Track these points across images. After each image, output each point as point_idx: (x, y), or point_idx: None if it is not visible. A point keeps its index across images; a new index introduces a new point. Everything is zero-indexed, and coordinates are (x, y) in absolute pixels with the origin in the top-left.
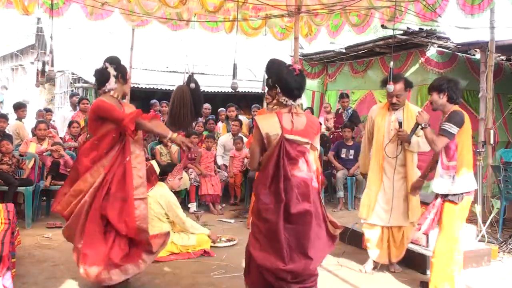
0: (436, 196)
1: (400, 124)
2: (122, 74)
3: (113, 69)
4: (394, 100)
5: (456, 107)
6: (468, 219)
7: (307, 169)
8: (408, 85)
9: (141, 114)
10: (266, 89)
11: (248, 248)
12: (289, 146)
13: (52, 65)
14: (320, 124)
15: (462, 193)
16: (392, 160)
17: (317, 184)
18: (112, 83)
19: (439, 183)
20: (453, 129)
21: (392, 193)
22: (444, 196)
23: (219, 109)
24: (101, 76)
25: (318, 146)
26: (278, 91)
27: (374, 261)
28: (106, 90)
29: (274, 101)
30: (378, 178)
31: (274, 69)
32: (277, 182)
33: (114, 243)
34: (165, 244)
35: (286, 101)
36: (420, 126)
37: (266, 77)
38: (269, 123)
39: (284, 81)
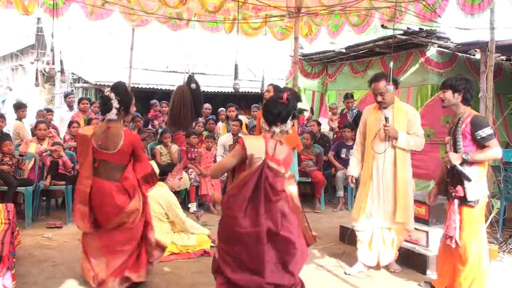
0: (451, 201)
1: (387, 119)
2: (125, 107)
3: (116, 102)
4: (379, 98)
5: (473, 111)
6: None
7: (285, 194)
8: (393, 82)
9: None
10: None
11: (221, 273)
12: (269, 171)
13: (54, 63)
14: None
15: (480, 197)
16: (381, 159)
17: (290, 208)
18: (112, 115)
19: (472, 190)
20: (492, 131)
21: (381, 193)
22: (460, 200)
23: (219, 109)
24: (104, 105)
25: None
26: (262, 117)
27: (363, 264)
28: (107, 118)
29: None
30: (368, 178)
31: (270, 97)
32: (257, 206)
33: None
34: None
35: (263, 124)
36: (464, 164)
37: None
38: (256, 145)
39: (264, 105)
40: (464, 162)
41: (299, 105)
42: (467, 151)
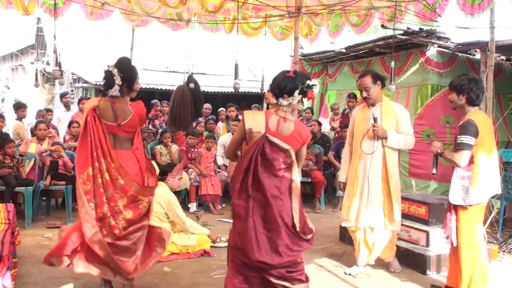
0: (450, 203)
1: (375, 119)
2: (128, 84)
3: (119, 78)
4: (364, 94)
5: (473, 114)
6: None
7: (283, 174)
8: (377, 78)
9: None
10: (265, 89)
11: (229, 241)
12: (268, 147)
13: (57, 64)
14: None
15: (477, 203)
16: (368, 159)
17: (290, 192)
18: (115, 92)
19: (454, 193)
20: (471, 140)
21: (369, 193)
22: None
23: (219, 109)
24: (107, 81)
25: (304, 153)
26: (268, 88)
27: (356, 264)
28: (109, 95)
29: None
30: (355, 177)
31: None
32: (247, 178)
33: None
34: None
35: (273, 100)
36: (437, 157)
37: (267, 78)
38: (255, 119)
39: (272, 80)
40: (436, 157)
41: (309, 81)
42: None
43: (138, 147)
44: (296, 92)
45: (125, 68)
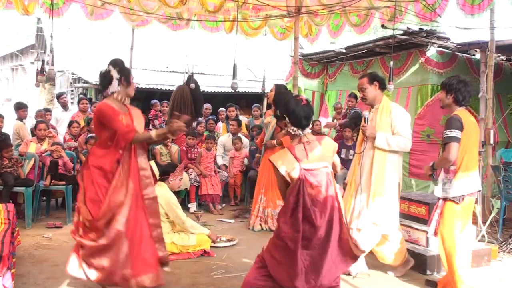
0: (439, 199)
1: (365, 119)
2: (126, 77)
3: (116, 72)
4: (361, 94)
5: (459, 112)
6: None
7: (329, 191)
8: (373, 79)
9: (135, 133)
10: (266, 89)
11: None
12: (309, 175)
13: (52, 64)
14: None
15: (462, 195)
16: (362, 160)
17: (338, 204)
18: (114, 86)
19: (438, 187)
20: (457, 133)
21: (360, 193)
22: (445, 198)
23: (220, 109)
24: (104, 79)
25: (337, 163)
26: (287, 122)
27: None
28: (109, 93)
29: (284, 131)
30: (353, 179)
31: (282, 100)
32: (297, 212)
33: None
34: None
35: (295, 131)
36: (432, 175)
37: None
38: (285, 161)
39: (292, 111)
40: (434, 170)
41: None
42: None
43: (93, 152)
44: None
45: (119, 63)
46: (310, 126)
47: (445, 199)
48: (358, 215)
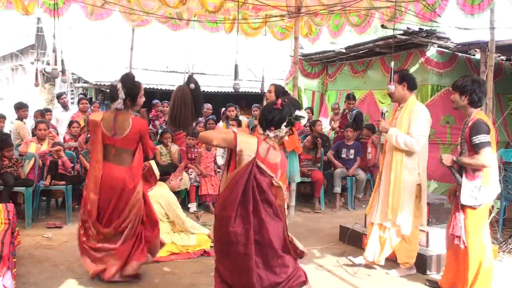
0: (457, 201)
1: (383, 114)
2: (132, 98)
3: (123, 93)
4: (388, 91)
5: (478, 114)
6: None
7: (272, 198)
8: (402, 78)
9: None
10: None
11: (217, 271)
12: (259, 173)
13: (56, 64)
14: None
15: (486, 202)
16: (385, 157)
17: (279, 219)
18: (119, 105)
19: (466, 194)
20: (486, 138)
21: (382, 190)
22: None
23: (222, 109)
24: (111, 94)
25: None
26: (258, 122)
27: (364, 257)
28: (113, 108)
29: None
30: (378, 177)
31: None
32: (247, 204)
33: None
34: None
35: (261, 130)
36: (455, 169)
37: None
38: (247, 143)
39: (260, 112)
40: (456, 164)
41: (297, 112)
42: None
43: (136, 165)
44: (283, 124)
45: (129, 84)
46: (278, 132)
47: (467, 206)
48: (379, 211)
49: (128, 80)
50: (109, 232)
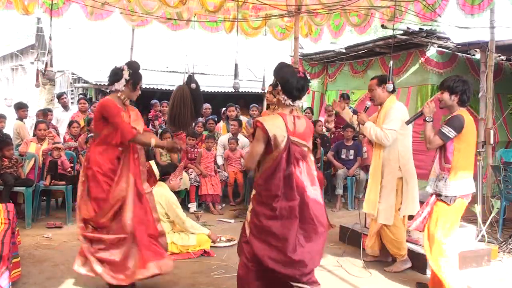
0: (431, 194)
1: (366, 108)
2: (134, 82)
3: (127, 74)
4: (370, 94)
5: (462, 111)
6: (468, 219)
7: (309, 170)
8: (382, 82)
9: (136, 133)
10: (267, 89)
11: (252, 250)
12: (294, 148)
13: (51, 65)
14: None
15: (454, 196)
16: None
17: (318, 185)
18: (120, 85)
19: (432, 182)
20: (451, 133)
21: (368, 184)
22: (438, 196)
23: (223, 109)
24: (114, 75)
25: (310, 145)
26: (279, 89)
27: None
28: (113, 90)
29: (275, 100)
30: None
31: (280, 69)
32: (291, 184)
33: None
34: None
35: (285, 100)
36: (422, 116)
37: (268, 78)
38: (275, 125)
39: (286, 79)
40: (422, 114)
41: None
42: (449, 151)
43: (91, 149)
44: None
45: (135, 67)
46: (300, 103)
47: (438, 197)
48: (368, 203)
49: (134, 64)
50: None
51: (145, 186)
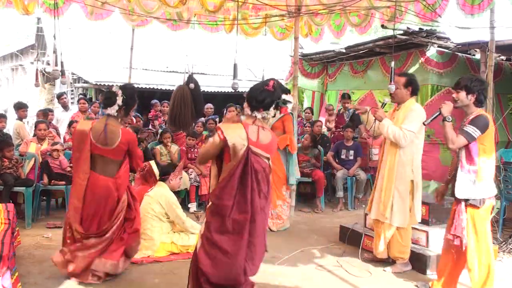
0: (457, 201)
1: (383, 104)
2: (127, 108)
3: (121, 100)
4: (393, 91)
5: (481, 111)
6: None
7: (266, 184)
8: (409, 83)
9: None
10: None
11: (199, 266)
12: (254, 158)
13: (56, 64)
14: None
15: (483, 198)
16: (383, 156)
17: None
18: (113, 110)
19: (461, 187)
20: (476, 133)
21: (378, 185)
22: (465, 201)
23: (224, 110)
24: (108, 99)
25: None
26: (246, 99)
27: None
28: (105, 113)
29: (244, 112)
30: (377, 173)
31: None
32: (244, 193)
33: None
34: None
35: (247, 110)
36: (441, 116)
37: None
38: (236, 133)
39: (250, 90)
40: (440, 114)
41: (284, 96)
42: (474, 152)
43: (121, 176)
44: (272, 107)
45: (129, 92)
46: (266, 113)
47: (466, 203)
48: (374, 208)
49: (129, 89)
50: (89, 236)
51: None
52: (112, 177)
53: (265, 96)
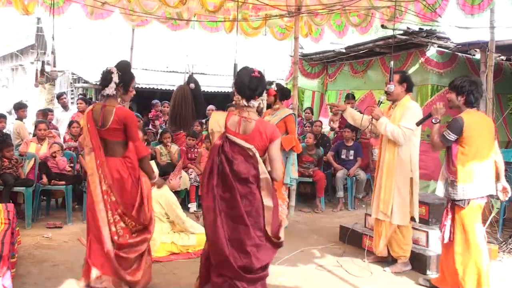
0: (447, 201)
1: (379, 102)
2: (125, 84)
3: (117, 76)
4: (388, 91)
5: (465, 113)
6: None
7: (248, 173)
8: (404, 79)
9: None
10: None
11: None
12: (228, 146)
13: (55, 65)
14: (317, 133)
15: (467, 199)
16: (381, 154)
17: (259, 191)
18: (111, 90)
19: (440, 186)
20: (450, 136)
21: (377, 183)
22: (452, 201)
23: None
24: (104, 79)
25: (276, 153)
26: (234, 90)
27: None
28: (104, 94)
29: (234, 102)
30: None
31: (237, 73)
32: (212, 178)
33: None
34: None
35: (239, 100)
36: (432, 118)
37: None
38: (217, 120)
39: (239, 80)
40: (430, 116)
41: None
42: (453, 154)
43: (129, 156)
44: (265, 92)
45: (124, 68)
46: (261, 100)
47: (453, 202)
48: (374, 207)
49: (123, 65)
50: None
51: None
52: (120, 157)
53: (256, 84)
